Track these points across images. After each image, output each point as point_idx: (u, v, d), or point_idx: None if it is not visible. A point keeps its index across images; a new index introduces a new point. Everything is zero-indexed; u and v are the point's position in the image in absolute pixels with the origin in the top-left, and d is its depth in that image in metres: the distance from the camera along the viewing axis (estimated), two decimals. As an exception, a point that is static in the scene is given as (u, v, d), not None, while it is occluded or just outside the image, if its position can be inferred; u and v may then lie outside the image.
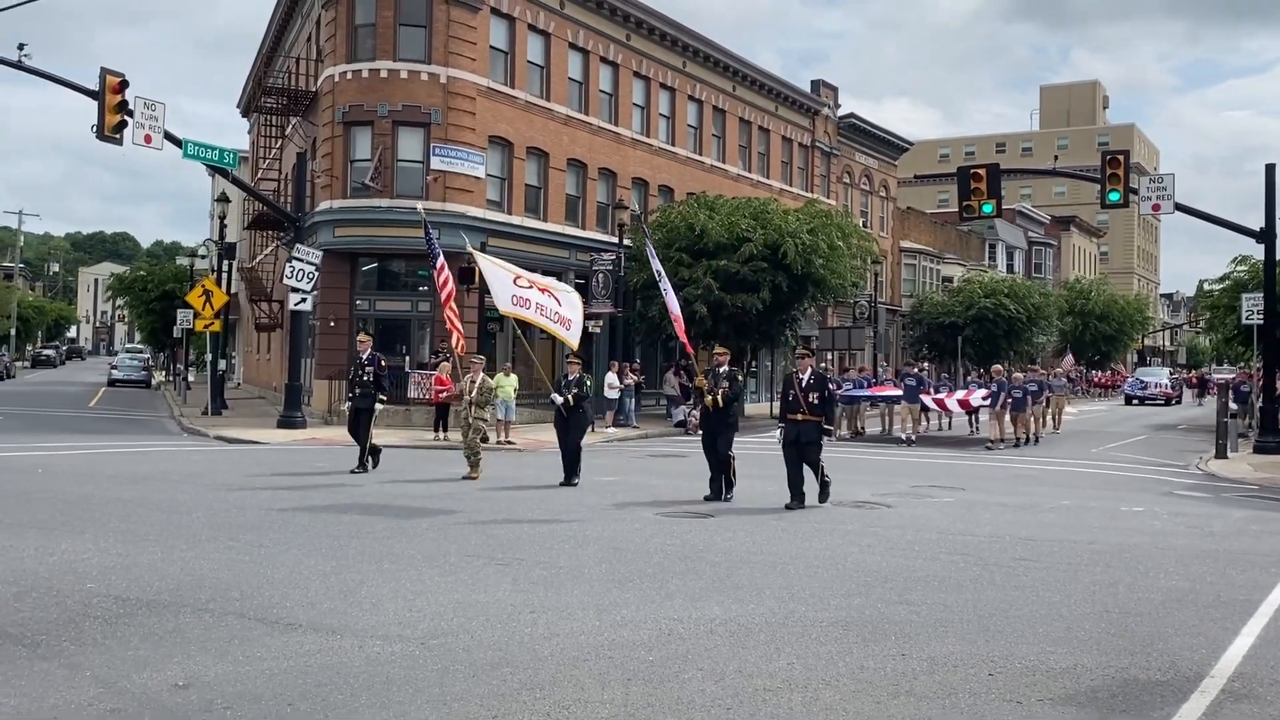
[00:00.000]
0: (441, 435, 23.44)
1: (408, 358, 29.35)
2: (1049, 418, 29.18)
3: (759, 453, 18.84)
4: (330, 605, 7.29)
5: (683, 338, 20.31)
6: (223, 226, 34.53)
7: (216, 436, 23.46)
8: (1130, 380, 55.19)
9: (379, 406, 16.79)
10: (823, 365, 31.00)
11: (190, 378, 43.10)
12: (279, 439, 22.68)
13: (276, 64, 38.52)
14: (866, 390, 27.66)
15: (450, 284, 18.41)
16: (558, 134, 32.42)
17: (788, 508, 12.59)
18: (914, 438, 25.46)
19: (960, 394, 27.92)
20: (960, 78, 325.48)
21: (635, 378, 29.62)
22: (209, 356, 34.21)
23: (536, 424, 28.56)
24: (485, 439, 17.15)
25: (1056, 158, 37.25)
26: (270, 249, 40.23)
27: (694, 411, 28.63)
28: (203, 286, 30.89)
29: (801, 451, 12.89)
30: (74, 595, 7.41)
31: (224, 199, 34.76)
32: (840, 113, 49.46)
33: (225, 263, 34.76)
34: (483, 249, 26.61)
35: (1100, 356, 67.51)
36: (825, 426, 13.10)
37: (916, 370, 27.31)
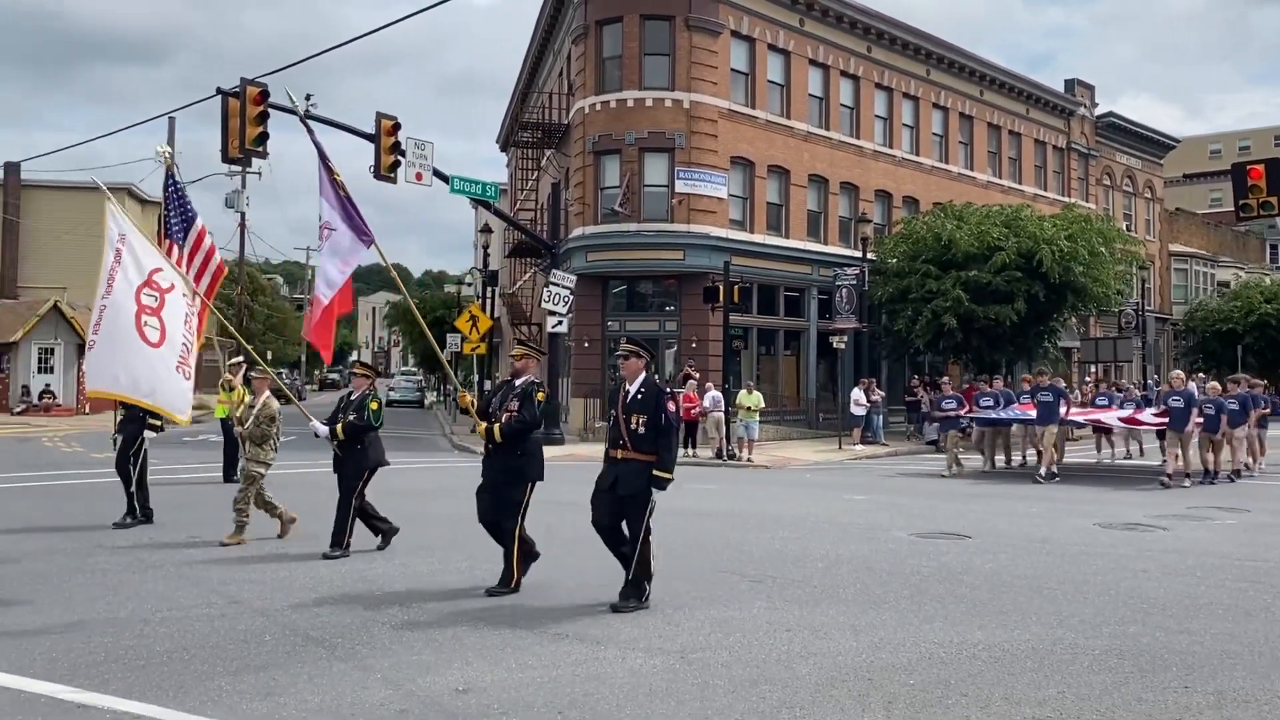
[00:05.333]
0: (690, 451, 23.82)
1: (656, 376, 30.04)
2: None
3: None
4: (592, 617, 7.59)
5: (312, 332, 10.88)
6: (486, 255, 36.54)
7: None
8: None
9: (150, 434, 11.98)
10: (1092, 377, 27.15)
11: (458, 398, 45.77)
12: (538, 456, 23.68)
13: (531, 100, 40.46)
14: (1013, 410, 20.80)
15: (204, 263, 11.77)
16: (798, 150, 32.41)
17: (613, 609, 7.83)
18: (1055, 471, 18.98)
19: (1126, 410, 21.06)
20: (1202, 70, 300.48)
21: (881, 394, 29.09)
22: (475, 377, 36.27)
23: (782, 440, 28.58)
24: (253, 497, 10.98)
25: (1351, 147, 33.88)
26: (528, 275, 42.18)
27: (934, 426, 27.60)
28: (469, 312, 32.72)
29: (620, 508, 8.07)
30: (364, 602, 8.06)
31: (487, 230, 36.82)
32: (1098, 111, 46.90)
33: (489, 289, 36.73)
34: (726, 269, 26.96)
35: None
36: (658, 473, 7.90)
37: (1050, 381, 20.56)
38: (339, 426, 10.13)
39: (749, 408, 23.25)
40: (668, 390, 7.94)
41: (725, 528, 12.36)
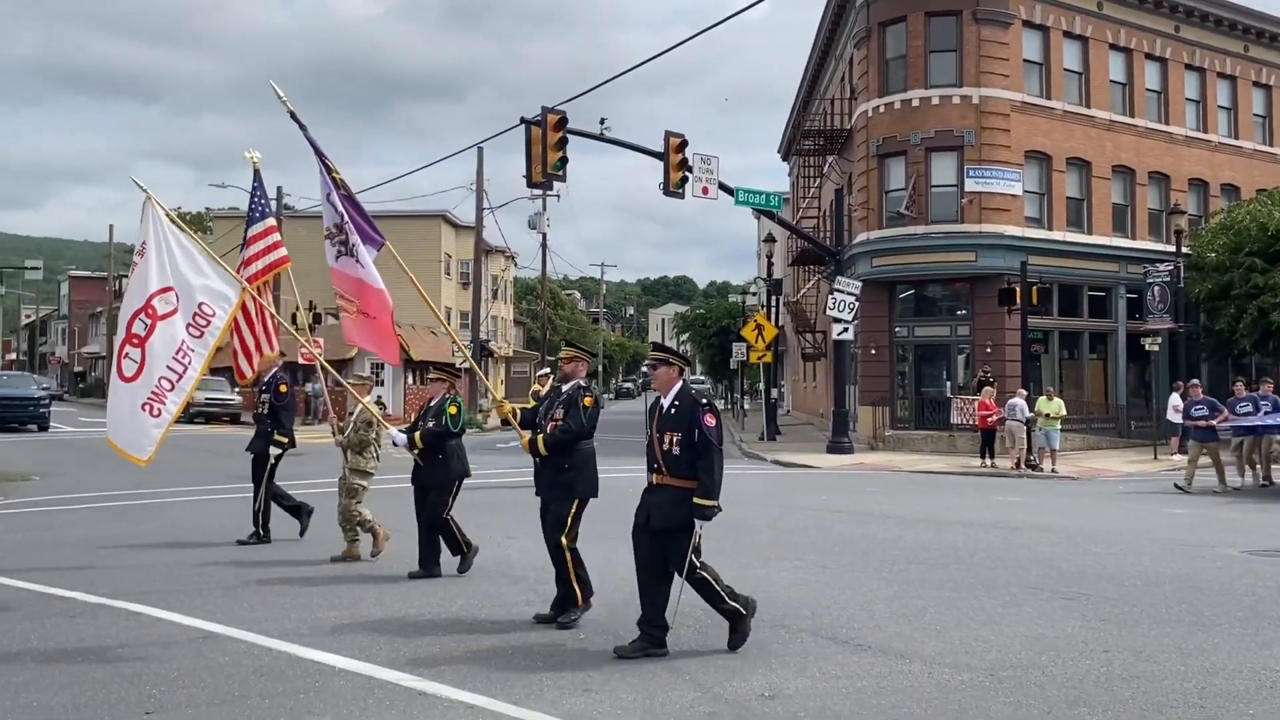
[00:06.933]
0: (988, 462, 22.96)
1: (949, 383, 29.19)
2: None
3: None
4: (896, 629, 7.52)
5: (367, 340, 10.03)
6: (770, 264, 36.82)
7: (773, 460, 25.09)
8: None
9: (275, 451, 11.65)
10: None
11: (746, 405, 46.45)
12: (829, 464, 23.69)
13: (812, 108, 40.42)
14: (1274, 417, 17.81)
15: (266, 259, 10.72)
16: (1099, 141, 30.54)
17: (618, 653, 6.84)
18: None
19: None
20: None
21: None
22: (762, 386, 36.60)
23: (1090, 450, 27.02)
24: (356, 515, 10.38)
25: None
26: (812, 283, 42.10)
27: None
28: (755, 321, 33.10)
29: (657, 544, 6.98)
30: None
31: (770, 239, 37.10)
32: None
33: (773, 298, 36.97)
34: (1023, 269, 25.79)
35: None
36: (700, 501, 6.78)
37: None
38: (417, 435, 9.49)
39: (1049, 415, 22.11)
40: (704, 402, 6.92)
41: (1031, 542, 11.86)
